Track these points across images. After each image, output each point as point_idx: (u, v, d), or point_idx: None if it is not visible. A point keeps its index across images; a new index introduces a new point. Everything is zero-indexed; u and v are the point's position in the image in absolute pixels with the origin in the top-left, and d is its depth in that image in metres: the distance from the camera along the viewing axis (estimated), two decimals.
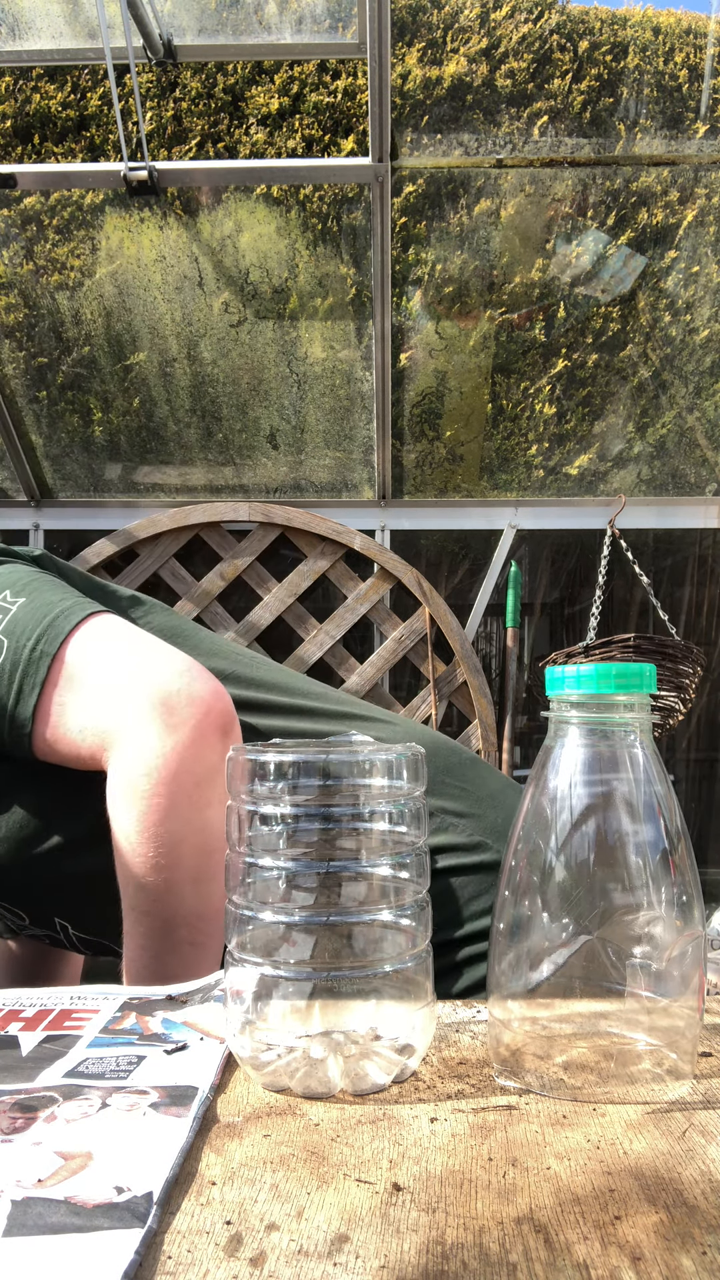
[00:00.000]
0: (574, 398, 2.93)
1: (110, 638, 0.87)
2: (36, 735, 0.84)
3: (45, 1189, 0.46)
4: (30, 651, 0.84)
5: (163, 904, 0.79)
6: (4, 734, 0.85)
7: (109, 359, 2.84)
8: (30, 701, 0.83)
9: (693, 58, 2.56)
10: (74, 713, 0.83)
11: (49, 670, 0.84)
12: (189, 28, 2.40)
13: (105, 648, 0.86)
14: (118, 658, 0.85)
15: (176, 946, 0.80)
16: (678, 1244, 0.42)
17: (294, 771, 0.59)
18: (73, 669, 0.84)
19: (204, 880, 0.80)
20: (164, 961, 0.80)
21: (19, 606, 0.87)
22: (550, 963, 0.57)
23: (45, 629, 0.86)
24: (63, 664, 0.84)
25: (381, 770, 0.59)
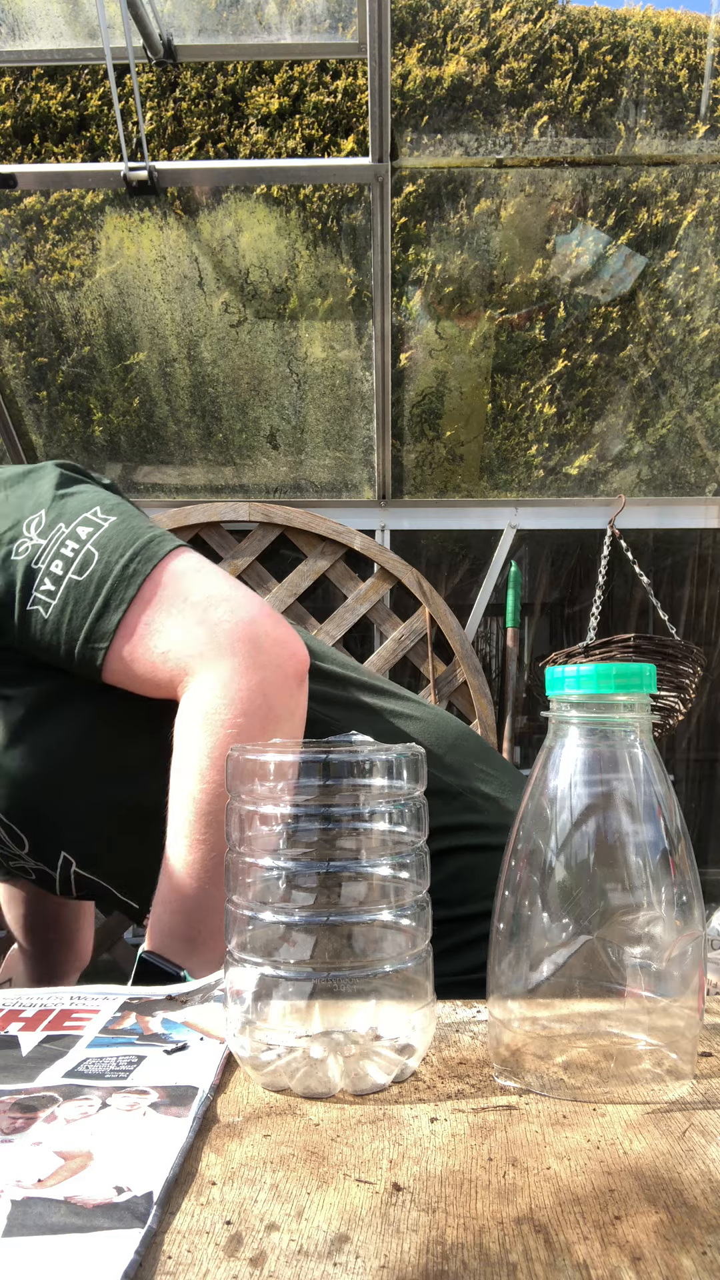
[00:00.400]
0: (574, 398, 2.93)
1: (203, 570, 0.87)
2: (114, 652, 0.84)
3: (45, 1189, 0.46)
4: (122, 568, 0.84)
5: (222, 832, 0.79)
6: (77, 646, 0.84)
7: (109, 359, 2.84)
8: (115, 616, 0.83)
9: (693, 58, 2.56)
10: (161, 635, 0.83)
11: (139, 589, 0.84)
12: (189, 28, 2.40)
13: (198, 579, 0.86)
14: (210, 590, 0.85)
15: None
16: (678, 1244, 0.42)
17: (294, 771, 0.59)
18: (166, 592, 0.84)
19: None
20: (211, 893, 0.80)
21: (110, 524, 0.87)
22: (550, 963, 0.57)
23: (140, 549, 0.86)
24: (158, 586, 0.84)
25: (381, 770, 0.60)
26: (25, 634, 0.86)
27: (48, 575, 0.84)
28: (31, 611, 0.84)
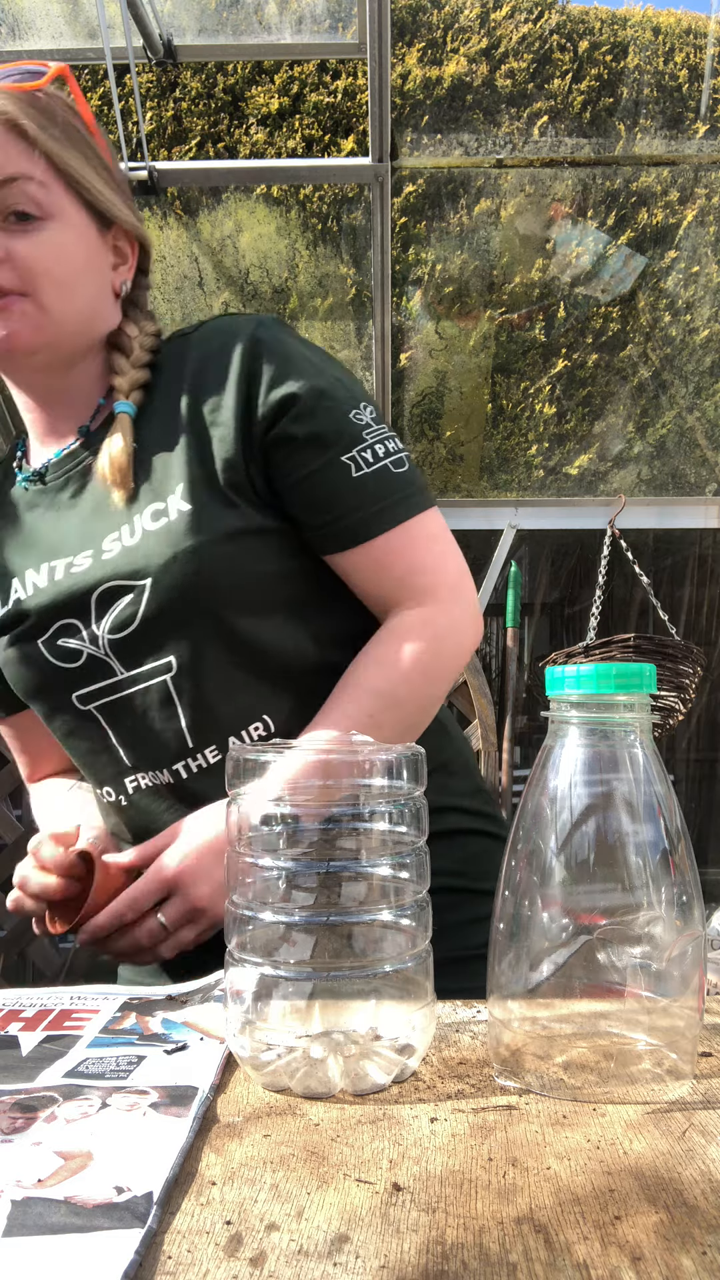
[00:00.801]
0: (574, 398, 2.93)
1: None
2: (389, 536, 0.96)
3: (45, 1189, 0.46)
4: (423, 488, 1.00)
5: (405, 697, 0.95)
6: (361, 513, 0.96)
7: None
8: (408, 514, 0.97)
9: (693, 58, 2.56)
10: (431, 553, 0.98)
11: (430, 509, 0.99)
12: (189, 28, 2.40)
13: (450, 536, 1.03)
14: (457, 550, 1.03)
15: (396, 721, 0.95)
16: (678, 1244, 0.42)
17: (294, 771, 0.59)
18: (442, 526, 1.00)
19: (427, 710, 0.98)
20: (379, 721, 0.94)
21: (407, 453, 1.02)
22: (550, 963, 0.57)
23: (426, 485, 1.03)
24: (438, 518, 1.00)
25: (381, 770, 0.59)
26: (316, 478, 0.96)
27: (371, 449, 0.96)
28: (344, 464, 0.95)
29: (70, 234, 0.96)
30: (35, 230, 0.94)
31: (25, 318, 0.95)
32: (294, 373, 0.96)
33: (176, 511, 0.95)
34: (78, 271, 0.98)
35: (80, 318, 0.99)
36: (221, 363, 0.98)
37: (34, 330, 0.96)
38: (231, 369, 0.97)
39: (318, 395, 0.96)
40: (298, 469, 0.96)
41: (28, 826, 2.50)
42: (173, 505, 0.95)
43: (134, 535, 0.95)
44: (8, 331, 0.95)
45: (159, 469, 0.97)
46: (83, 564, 0.97)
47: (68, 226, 0.96)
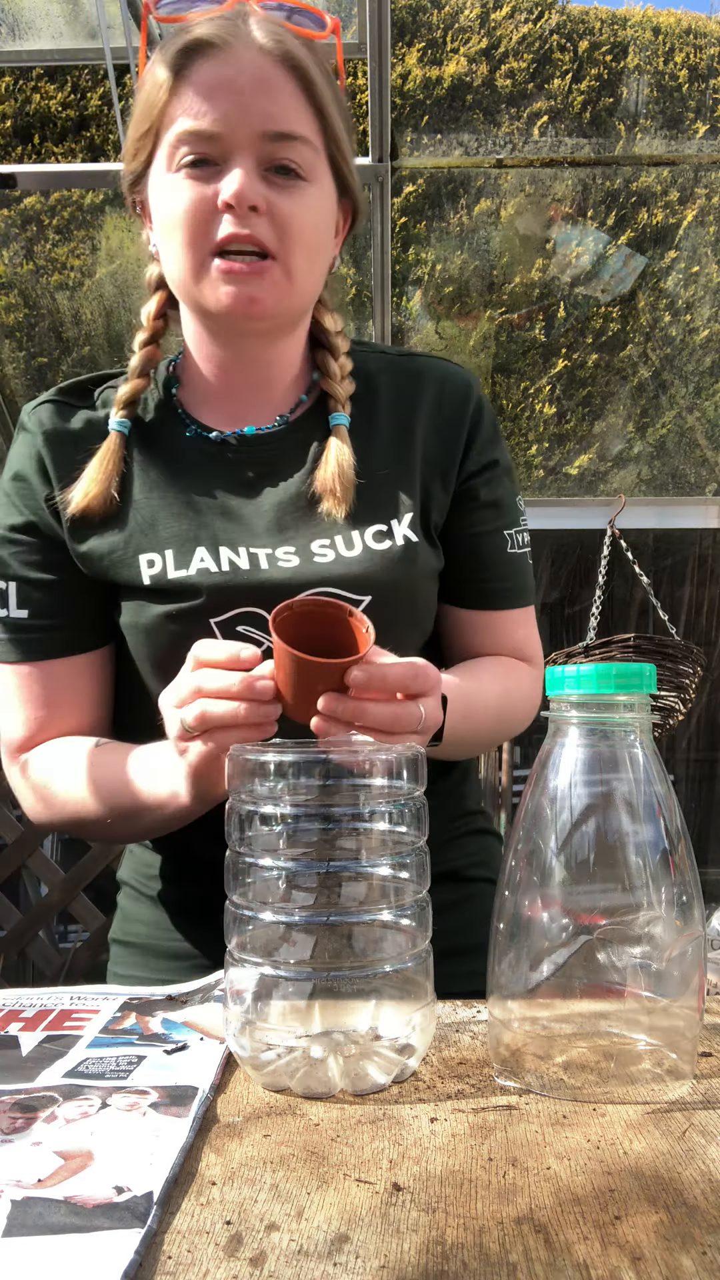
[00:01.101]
0: (574, 398, 2.93)
1: None
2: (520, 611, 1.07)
3: (45, 1189, 0.46)
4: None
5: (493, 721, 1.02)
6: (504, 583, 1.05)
7: (109, 359, 2.84)
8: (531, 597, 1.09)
9: (693, 58, 2.56)
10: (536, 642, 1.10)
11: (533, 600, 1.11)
12: None
13: None
14: None
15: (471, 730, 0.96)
16: (678, 1244, 0.42)
17: (294, 771, 0.59)
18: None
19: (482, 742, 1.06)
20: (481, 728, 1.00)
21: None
22: (550, 963, 0.57)
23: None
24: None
25: (381, 770, 0.59)
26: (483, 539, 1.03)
27: (522, 534, 1.06)
28: (505, 537, 1.04)
29: (323, 199, 0.92)
30: (297, 190, 0.88)
31: (273, 285, 0.89)
32: (499, 441, 1.05)
33: (403, 539, 0.96)
34: (324, 241, 0.94)
35: (314, 291, 0.97)
36: (457, 412, 1.02)
37: (278, 298, 0.90)
38: (465, 421, 1.01)
39: (507, 470, 1.05)
40: (471, 526, 1.02)
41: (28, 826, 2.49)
42: (398, 531, 0.97)
43: (353, 548, 0.95)
44: (253, 295, 0.89)
45: (383, 490, 0.97)
46: (288, 560, 0.93)
47: (323, 192, 0.92)
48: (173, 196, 0.88)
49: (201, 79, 0.86)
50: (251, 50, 0.86)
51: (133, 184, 0.95)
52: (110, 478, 0.94)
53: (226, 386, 1.00)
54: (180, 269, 0.90)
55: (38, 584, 0.97)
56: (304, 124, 0.88)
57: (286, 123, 0.87)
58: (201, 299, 0.90)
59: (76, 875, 2.38)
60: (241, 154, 0.86)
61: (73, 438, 0.98)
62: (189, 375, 1.02)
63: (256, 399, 1.00)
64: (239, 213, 0.86)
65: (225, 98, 0.85)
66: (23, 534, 0.97)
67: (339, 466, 0.94)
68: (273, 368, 0.99)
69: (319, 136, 0.90)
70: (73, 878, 2.36)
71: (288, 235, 0.88)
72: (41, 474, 0.97)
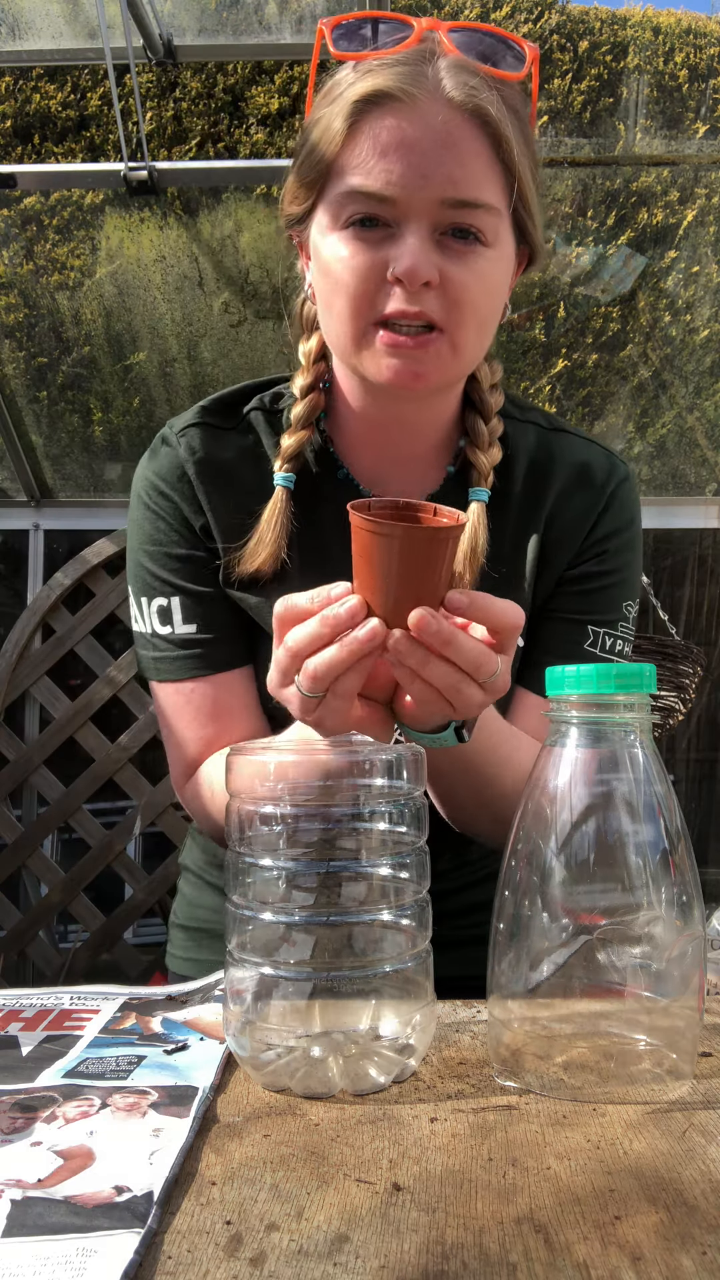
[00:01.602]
0: (574, 398, 2.93)
1: None
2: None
3: (45, 1189, 0.46)
4: None
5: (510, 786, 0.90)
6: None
7: (109, 359, 2.84)
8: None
9: (693, 58, 2.56)
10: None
11: None
12: (189, 28, 2.40)
13: None
14: None
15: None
16: (678, 1244, 0.42)
17: (294, 771, 0.59)
18: None
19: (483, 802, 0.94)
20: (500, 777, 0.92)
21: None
22: (550, 963, 0.57)
23: None
24: None
25: (381, 770, 0.59)
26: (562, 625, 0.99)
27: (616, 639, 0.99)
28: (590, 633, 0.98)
29: (502, 264, 0.85)
30: (473, 256, 0.81)
31: (438, 359, 0.83)
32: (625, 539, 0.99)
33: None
34: (496, 306, 0.87)
35: (481, 355, 0.91)
36: (588, 503, 0.98)
37: (442, 372, 0.85)
38: (593, 514, 0.97)
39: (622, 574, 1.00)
40: (557, 608, 0.98)
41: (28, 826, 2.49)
42: None
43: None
44: (418, 371, 0.83)
45: (501, 584, 0.95)
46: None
47: (502, 255, 0.85)
48: (337, 256, 0.82)
49: (380, 135, 0.79)
50: (437, 104, 0.78)
51: (293, 223, 0.91)
52: (280, 540, 0.92)
53: (375, 435, 0.97)
54: (341, 335, 0.85)
55: (201, 597, 0.95)
56: (489, 188, 0.81)
57: (470, 189, 0.79)
58: (362, 368, 0.86)
59: (76, 875, 2.39)
60: (417, 221, 0.79)
61: (225, 469, 0.96)
62: (337, 411, 0.98)
63: (406, 454, 0.97)
64: (410, 288, 0.79)
65: (405, 158, 0.78)
66: (180, 549, 0.96)
67: (471, 549, 0.91)
68: (422, 426, 0.96)
69: (504, 196, 0.82)
70: (73, 878, 2.36)
71: (459, 309, 0.82)
72: (192, 502, 0.95)
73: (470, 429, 0.97)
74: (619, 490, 0.99)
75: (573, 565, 0.98)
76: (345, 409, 0.96)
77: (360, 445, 0.97)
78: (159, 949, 2.42)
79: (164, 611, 0.96)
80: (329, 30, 0.83)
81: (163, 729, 1.00)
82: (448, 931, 0.73)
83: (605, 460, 1.01)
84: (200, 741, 0.97)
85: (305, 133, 0.86)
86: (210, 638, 0.96)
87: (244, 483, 0.95)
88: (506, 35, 0.83)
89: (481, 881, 1.04)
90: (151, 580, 0.96)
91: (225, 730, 0.97)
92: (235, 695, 0.97)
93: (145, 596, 0.97)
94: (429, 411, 0.94)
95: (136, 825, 2.36)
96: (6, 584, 3.13)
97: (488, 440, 0.96)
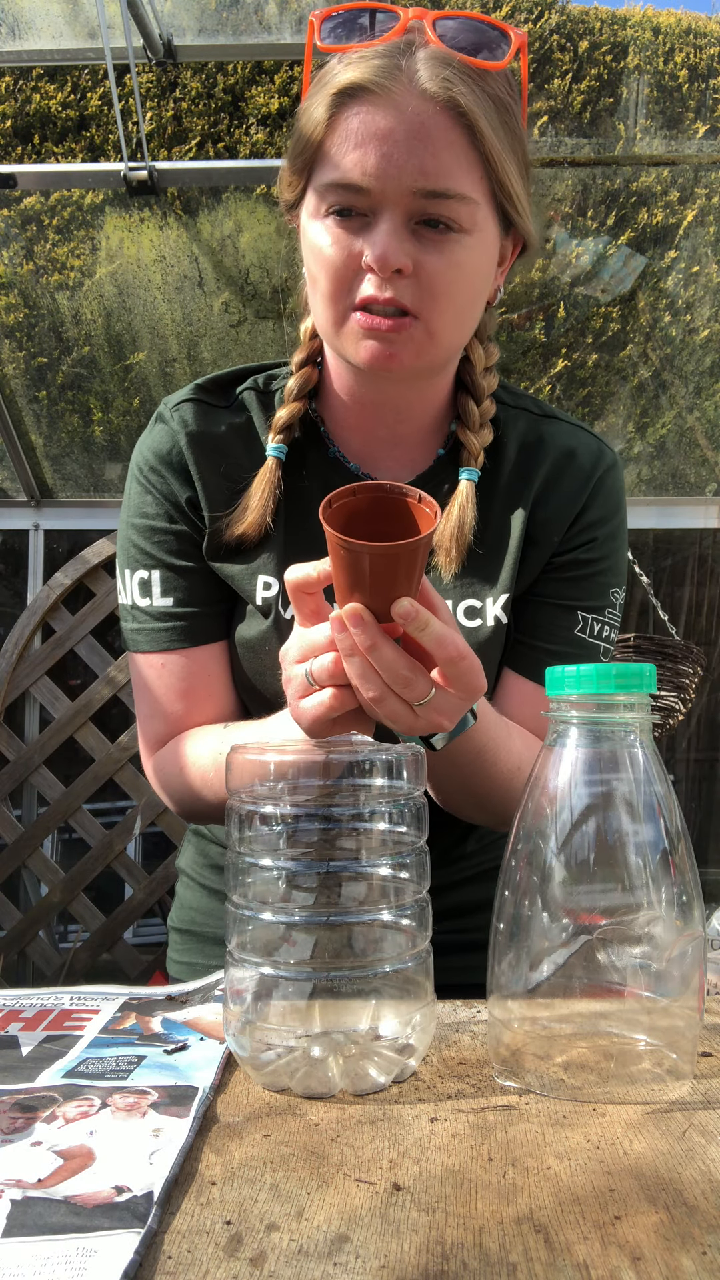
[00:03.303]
0: (574, 398, 2.93)
1: None
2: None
3: (45, 1189, 0.46)
4: None
5: (510, 782, 0.92)
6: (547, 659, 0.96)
7: (109, 359, 2.84)
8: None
9: (693, 58, 2.56)
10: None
11: None
12: (189, 28, 2.40)
13: None
14: None
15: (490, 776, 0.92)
16: (678, 1244, 0.42)
17: (294, 771, 0.59)
18: None
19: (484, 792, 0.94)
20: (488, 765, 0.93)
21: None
22: (550, 963, 0.57)
23: None
24: None
25: (381, 770, 0.59)
26: (555, 609, 1.00)
27: (604, 625, 1.01)
28: (580, 618, 1.00)
29: (480, 251, 0.86)
30: (449, 244, 0.83)
31: (412, 342, 0.85)
32: (611, 526, 1.01)
33: (494, 619, 0.96)
34: (477, 293, 0.89)
35: (463, 340, 0.92)
36: (576, 486, 0.98)
37: (416, 354, 0.86)
38: (581, 497, 0.98)
39: (610, 561, 1.01)
40: (549, 594, 0.99)
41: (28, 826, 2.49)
42: (490, 610, 0.96)
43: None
44: (391, 353, 0.85)
45: (486, 562, 0.96)
46: None
47: (481, 242, 0.86)
48: (318, 244, 0.85)
49: (355, 127, 0.81)
50: (411, 97, 0.80)
51: (289, 208, 0.93)
52: (267, 506, 0.94)
53: (364, 417, 0.98)
54: (323, 318, 0.88)
55: (182, 571, 0.97)
56: (464, 178, 0.81)
57: (442, 179, 0.80)
58: (341, 349, 0.89)
59: (76, 875, 2.39)
60: (390, 210, 0.81)
61: (216, 443, 0.97)
62: (328, 391, 0.99)
63: (394, 435, 0.98)
64: (382, 275, 0.82)
65: (377, 150, 0.80)
66: (165, 524, 0.98)
67: (459, 527, 0.93)
68: (412, 408, 0.97)
69: (481, 185, 0.83)
70: (73, 878, 2.36)
71: (432, 296, 0.83)
72: (182, 475, 0.96)
73: (461, 409, 0.98)
74: (606, 476, 1.01)
75: (561, 551, 0.99)
76: (335, 389, 0.98)
77: (349, 425, 0.99)
78: (159, 949, 2.42)
79: (144, 584, 0.98)
80: (319, 23, 0.85)
81: (136, 700, 1.02)
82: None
83: (594, 445, 1.02)
84: (172, 716, 0.98)
85: (295, 121, 0.88)
86: (187, 611, 0.97)
87: (234, 458, 0.97)
88: (492, 22, 0.84)
89: (465, 883, 1.04)
90: (135, 553, 0.99)
91: (194, 707, 0.98)
92: (209, 670, 0.98)
93: (129, 569, 0.99)
94: (417, 394, 0.96)
95: (136, 825, 2.36)
96: (6, 584, 3.13)
97: (478, 421, 0.97)
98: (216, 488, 0.96)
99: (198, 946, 1.10)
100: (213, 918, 1.09)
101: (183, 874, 1.16)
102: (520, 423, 1.02)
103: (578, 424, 1.04)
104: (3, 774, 2.40)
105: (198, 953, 1.09)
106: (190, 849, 1.15)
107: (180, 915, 1.13)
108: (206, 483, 0.96)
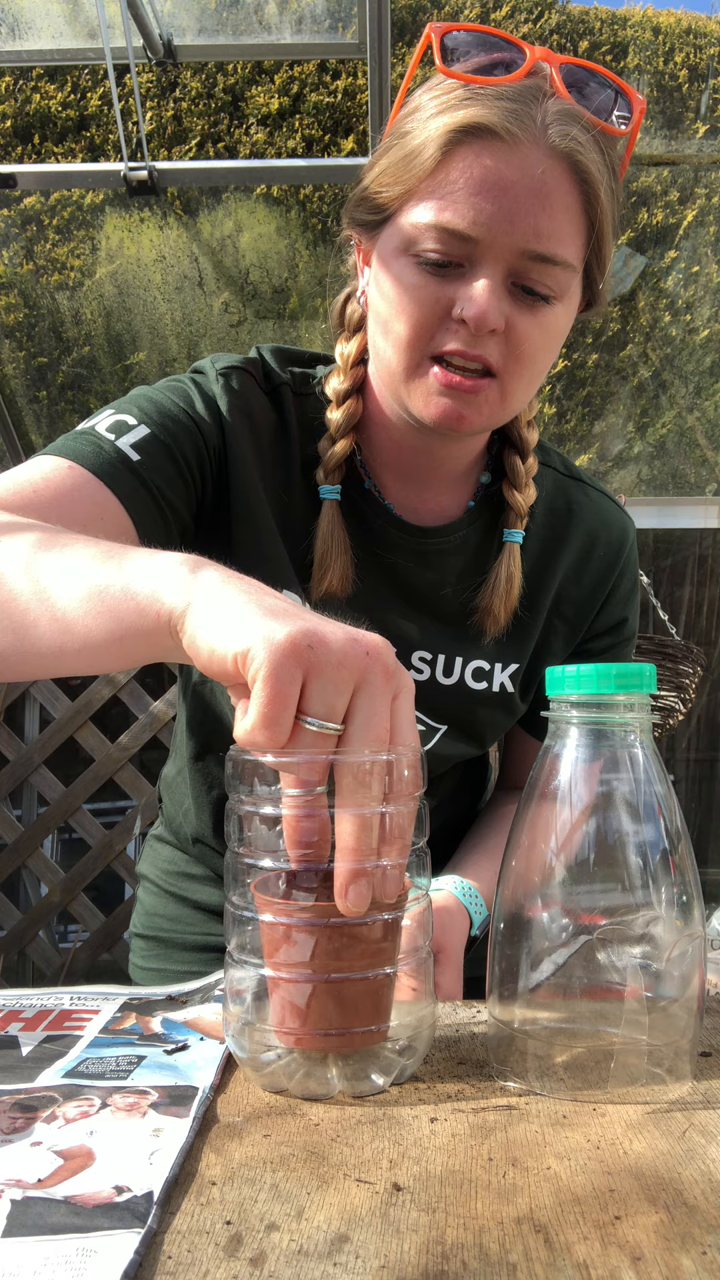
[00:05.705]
0: (574, 398, 2.93)
1: None
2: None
3: (45, 1189, 0.46)
4: None
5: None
6: None
7: (109, 359, 2.84)
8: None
9: (693, 58, 2.56)
10: None
11: None
12: (189, 28, 2.40)
13: None
14: None
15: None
16: (678, 1244, 0.42)
17: (294, 771, 0.59)
18: None
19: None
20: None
21: None
22: (550, 963, 0.57)
23: None
24: None
25: (381, 770, 0.59)
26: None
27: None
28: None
29: (566, 317, 0.83)
30: (540, 310, 0.79)
31: (486, 404, 0.82)
32: (633, 602, 1.01)
33: (499, 686, 0.94)
34: (553, 358, 0.85)
35: (526, 403, 0.89)
36: (606, 565, 0.98)
37: (487, 417, 0.83)
38: (611, 578, 0.98)
39: (631, 635, 1.02)
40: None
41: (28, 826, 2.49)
42: (497, 678, 0.94)
43: (451, 675, 0.92)
44: (464, 414, 0.81)
45: (505, 628, 0.94)
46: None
47: (568, 309, 0.83)
48: (402, 284, 0.79)
49: (473, 170, 0.75)
50: (538, 151, 0.75)
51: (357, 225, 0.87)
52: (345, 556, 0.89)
53: (401, 457, 0.94)
54: (393, 363, 0.83)
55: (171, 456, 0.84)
56: (572, 245, 0.78)
57: (553, 244, 0.76)
58: (407, 399, 0.84)
59: (76, 875, 2.39)
60: (492, 265, 0.76)
61: (250, 416, 0.90)
62: (368, 422, 0.94)
63: (429, 478, 0.95)
64: (476, 333, 0.77)
65: (495, 201, 0.75)
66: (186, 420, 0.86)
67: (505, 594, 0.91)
68: (453, 458, 0.94)
69: (582, 253, 0.81)
70: (73, 878, 2.36)
71: (517, 358, 0.80)
72: (218, 427, 0.88)
73: (508, 467, 0.95)
74: (631, 552, 1.01)
75: (591, 636, 1.00)
76: (377, 424, 0.93)
77: (384, 461, 0.95)
78: None
79: (120, 425, 0.82)
80: (438, 38, 0.78)
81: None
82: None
83: (620, 522, 1.01)
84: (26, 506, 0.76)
85: (393, 140, 0.81)
86: (143, 473, 0.81)
87: (264, 451, 0.90)
88: (618, 81, 0.79)
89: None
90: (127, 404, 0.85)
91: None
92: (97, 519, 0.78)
93: (114, 409, 0.85)
94: (460, 447, 0.92)
95: (136, 825, 2.36)
96: None
97: (524, 479, 0.94)
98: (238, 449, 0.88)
99: (165, 953, 1.07)
100: (180, 923, 1.06)
101: (144, 880, 1.12)
102: (548, 481, 0.99)
103: (602, 490, 1.02)
104: (3, 774, 2.40)
105: (165, 959, 1.07)
106: (151, 855, 1.12)
107: (144, 922, 1.10)
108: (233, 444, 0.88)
